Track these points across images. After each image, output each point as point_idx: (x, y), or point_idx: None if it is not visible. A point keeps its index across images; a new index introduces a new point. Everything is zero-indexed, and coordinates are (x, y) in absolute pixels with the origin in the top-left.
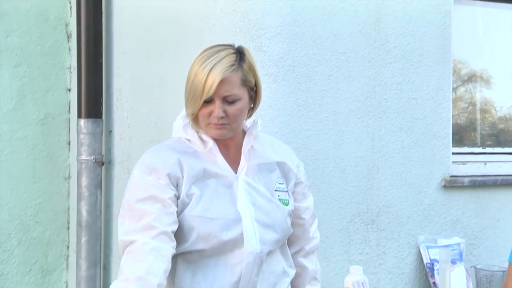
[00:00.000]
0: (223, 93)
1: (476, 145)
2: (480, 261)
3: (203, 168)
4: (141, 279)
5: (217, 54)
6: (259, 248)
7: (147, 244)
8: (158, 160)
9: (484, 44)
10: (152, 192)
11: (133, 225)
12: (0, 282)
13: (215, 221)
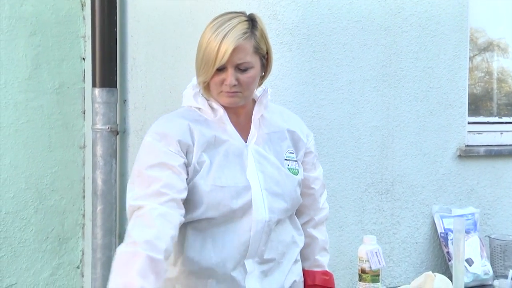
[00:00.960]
0: (236, 61)
1: (492, 114)
2: (495, 231)
3: (214, 135)
4: (149, 243)
5: (229, 22)
6: (267, 217)
7: (155, 210)
8: (169, 127)
9: (502, 12)
10: (162, 159)
11: (142, 191)
12: (18, 249)
13: (225, 189)
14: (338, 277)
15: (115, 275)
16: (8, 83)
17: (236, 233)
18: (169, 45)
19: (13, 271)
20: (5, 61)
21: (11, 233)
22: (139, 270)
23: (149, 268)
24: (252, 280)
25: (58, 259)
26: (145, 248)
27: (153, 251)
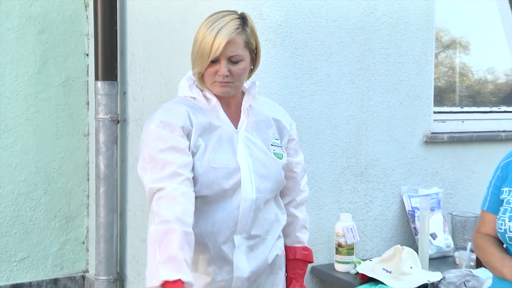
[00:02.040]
0: (228, 53)
1: (454, 105)
2: (456, 208)
3: (209, 121)
4: (179, 220)
5: (223, 19)
6: (254, 196)
7: (177, 189)
8: (171, 115)
9: (464, 13)
10: (171, 143)
11: (158, 174)
12: (29, 227)
13: (218, 170)
14: (317, 251)
15: (155, 251)
16: (19, 77)
17: (226, 210)
18: (165, 42)
19: (25, 246)
20: (16, 57)
21: (22, 212)
22: (178, 244)
23: (185, 241)
24: (240, 253)
25: (65, 235)
26: (178, 224)
27: (184, 225)
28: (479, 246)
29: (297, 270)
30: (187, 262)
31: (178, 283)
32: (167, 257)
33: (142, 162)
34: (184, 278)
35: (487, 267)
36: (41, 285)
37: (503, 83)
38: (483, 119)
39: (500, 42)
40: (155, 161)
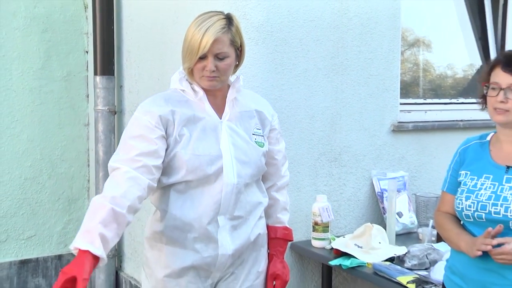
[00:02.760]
0: (215, 50)
1: (418, 97)
2: (420, 190)
3: (193, 114)
4: (114, 199)
5: (210, 19)
6: (236, 181)
7: (128, 173)
8: (153, 105)
9: (427, 15)
10: (142, 131)
11: (122, 156)
12: (36, 208)
13: (202, 157)
14: (296, 228)
15: (84, 219)
16: (25, 72)
17: (210, 194)
18: (157, 40)
19: (32, 225)
20: (21, 54)
21: (29, 195)
22: (102, 219)
23: (112, 218)
24: (224, 233)
25: (68, 216)
26: (111, 203)
27: (118, 206)
28: (439, 223)
29: (277, 247)
30: (106, 238)
31: (86, 254)
32: (87, 228)
33: (120, 143)
34: (93, 251)
35: (446, 242)
36: (46, 261)
37: (461, 77)
38: (443, 110)
39: (458, 41)
40: (125, 144)
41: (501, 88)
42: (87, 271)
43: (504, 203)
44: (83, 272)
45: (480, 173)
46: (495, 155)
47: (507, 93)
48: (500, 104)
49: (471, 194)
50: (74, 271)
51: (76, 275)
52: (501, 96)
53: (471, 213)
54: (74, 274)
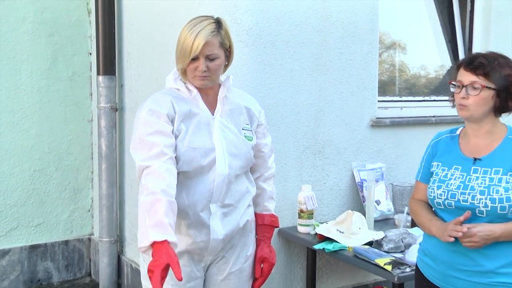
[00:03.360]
0: (206, 52)
1: (395, 95)
2: (396, 180)
3: (189, 109)
4: (164, 192)
5: (201, 23)
6: (227, 171)
7: (162, 167)
8: (158, 104)
9: (402, 21)
10: (157, 128)
11: (146, 154)
12: (44, 198)
13: (196, 150)
14: (283, 216)
15: (145, 217)
16: (33, 72)
17: (203, 183)
18: (155, 43)
19: (40, 213)
20: (30, 56)
21: (38, 185)
22: (164, 211)
23: (169, 209)
24: (215, 219)
25: (74, 205)
26: (163, 195)
27: (169, 196)
28: (413, 210)
29: (265, 233)
30: (172, 226)
31: (165, 243)
32: (155, 222)
33: (133, 143)
34: (170, 239)
35: (420, 227)
36: (54, 246)
37: (433, 77)
38: (417, 106)
39: (430, 44)
40: (143, 142)
41: (463, 85)
42: (176, 256)
43: (471, 192)
44: (173, 257)
45: (450, 165)
46: (464, 148)
47: (468, 89)
48: (462, 100)
49: (442, 184)
50: (165, 259)
51: (169, 262)
52: (463, 92)
53: (442, 201)
54: (167, 262)
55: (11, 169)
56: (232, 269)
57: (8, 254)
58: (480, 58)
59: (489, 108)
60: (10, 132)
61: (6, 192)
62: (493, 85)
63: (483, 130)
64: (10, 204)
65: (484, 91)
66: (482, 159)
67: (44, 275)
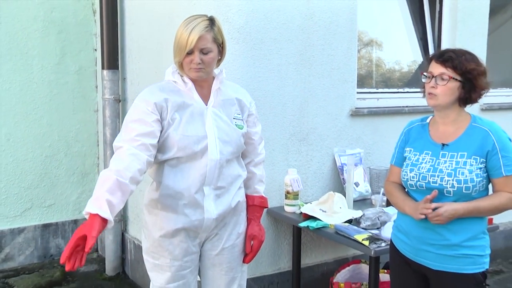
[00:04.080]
0: (200, 46)
1: (372, 87)
2: (373, 164)
3: (183, 101)
4: (118, 171)
5: (195, 20)
6: (218, 157)
7: (129, 150)
8: (149, 94)
9: (379, 20)
10: (140, 116)
11: (124, 137)
12: (54, 181)
13: (190, 137)
14: (271, 197)
15: (94, 190)
16: (44, 67)
17: (197, 168)
18: (154, 40)
19: (52, 195)
20: (41, 51)
21: (49, 170)
22: (108, 188)
23: (116, 187)
24: (209, 200)
25: (81, 187)
26: (116, 174)
27: (121, 177)
28: (388, 191)
29: (255, 213)
30: (112, 204)
31: (96, 217)
32: (96, 196)
33: (122, 126)
34: (101, 214)
35: (394, 206)
36: (64, 225)
37: (406, 71)
38: (392, 97)
39: (404, 41)
40: (127, 126)
41: (433, 76)
42: (96, 230)
43: (440, 174)
44: (92, 230)
45: (421, 150)
46: (433, 134)
47: (437, 80)
48: (431, 89)
49: (414, 167)
50: (85, 230)
51: (86, 233)
52: (432, 82)
53: (414, 182)
54: (85, 233)
55: (25, 155)
56: (225, 245)
57: (23, 232)
58: (449, 52)
59: (454, 98)
60: (23, 122)
61: (21, 176)
62: (459, 77)
63: (450, 119)
64: (25, 187)
65: (451, 82)
66: (449, 145)
67: (55, 251)
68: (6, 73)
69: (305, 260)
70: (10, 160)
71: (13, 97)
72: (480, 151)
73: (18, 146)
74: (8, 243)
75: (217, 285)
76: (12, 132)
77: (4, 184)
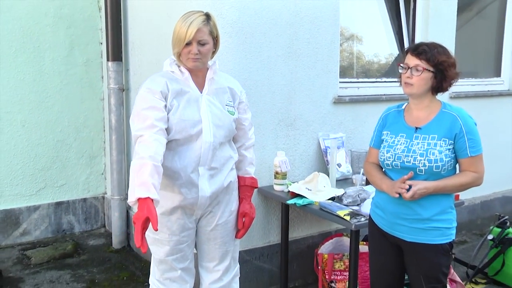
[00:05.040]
0: (198, 38)
1: (353, 77)
2: (354, 146)
3: (181, 88)
4: (151, 157)
5: (193, 15)
6: (212, 139)
7: (152, 136)
8: (154, 83)
9: (359, 17)
10: (151, 103)
11: (141, 125)
12: (65, 163)
13: (186, 121)
14: (261, 177)
15: (134, 177)
16: (54, 59)
17: (192, 150)
18: (155, 34)
19: (63, 176)
20: (52, 45)
21: (60, 153)
22: (149, 173)
23: (154, 171)
24: (203, 179)
25: (90, 169)
26: (150, 160)
27: (155, 161)
28: (367, 171)
29: (246, 192)
30: (155, 186)
31: (147, 200)
32: (141, 182)
33: (132, 116)
34: (152, 196)
35: (373, 184)
36: (75, 203)
37: (384, 63)
38: (371, 87)
39: (382, 36)
40: (139, 115)
41: (409, 67)
42: (155, 210)
43: (413, 155)
44: (152, 211)
45: (397, 133)
46: (408, 119)
47: (413, 71)
48: (407, 79)
49: (390, 149)
50: (146, 213)
51: (148, 215)
52: (408, 73)
53: (390, 162)
54: (147, 215)
55: (39, 140)
56: (219, 221)
57: (38, 209)
58: (423, 46)
59: (428, 87)
60: (37, 109)
61: (35, 159)
62: (432, 68)
63: (423, 105)
64: (39, 169)
65: (424, 73)
66: (422, 128)
67: (67, 226)
68: (21, 65)
69: (292, 234)
70: (26, 144)
71: (27, 86)
72: (449, 134)
73: (32, 131)
74: (25, 219)
75: (212, 257)
76: (27, 118)
77: (20, 166)
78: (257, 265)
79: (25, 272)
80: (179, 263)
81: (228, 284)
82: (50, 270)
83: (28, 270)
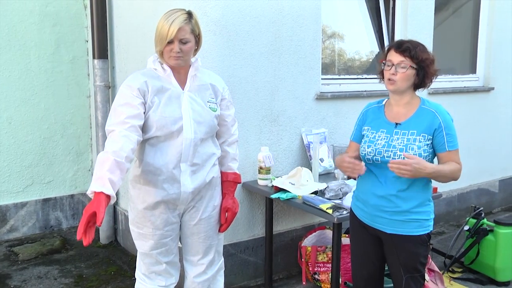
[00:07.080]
0: (179, 36)
1: (335, 74)
2: (336, 142)
3: (162, 85)
4: (115, 152)
5: (175, 13)
6: (193, 136)
7: (122, 132)
8: (133, 80)
9: (340, 15)
10: (127, 100)
11: (114, 120)
12: (52, 160)
13: (167, 118)
14: (246, 172)
15: (95, 171)
16: (40, 57)
17: (174, 146)
18: (140, 32)
19: (50, 173)
20: (38, 43)
21: (47, 150)
22: (108, 168)
23: (115, 167)
24: (185, 175)
25: (77, 165)
26: (113, 155)
27: (118, 156)
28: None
29: (229, 188)
30: (113, 182)
31: (101, 194)
32: (98, 176)
33: (110, 110)
34: (105, 192)
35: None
36: (62, 199)
37: (365, 60)
38: (352, 83)
39: (362, 34)
40: (115, 111)
41: (393, 64)
42: (103, 206)
43: (393, 150)
44: (99, 207)
45: (378, 128)
46: (388, 115)
47: (397, 68)
48: (392, 76)
49: (371, 144)
50: (94, 207)
51: (95, 210)
52: (392, 69)
53: (371, 157)
54: (94, 210)
55: (25, 137)
56: (202, 216)
57: (25, 206)
58: (407, 43)
59: (410, 84)
60: (23, 107)
61: (22, 156)
62: (415, 65)
63: (404, 101)
64: (26, 166)
65: (409, 70)
66: (402, 124)
67: (55, 222)
68: (6, 62)
69: (276, 227)
70: (12, 142)
71: (13, 84)
72: (428, 129)
73: (18, 128)
74: (12, 216)
75: (196, 251)
76: (13, 116)
77: (7, 163)
78: (242, 258)
79: (12, 268)
80: (164, 257)
81: (212, 277)
82: (37, 266)
83: (15, 266)
